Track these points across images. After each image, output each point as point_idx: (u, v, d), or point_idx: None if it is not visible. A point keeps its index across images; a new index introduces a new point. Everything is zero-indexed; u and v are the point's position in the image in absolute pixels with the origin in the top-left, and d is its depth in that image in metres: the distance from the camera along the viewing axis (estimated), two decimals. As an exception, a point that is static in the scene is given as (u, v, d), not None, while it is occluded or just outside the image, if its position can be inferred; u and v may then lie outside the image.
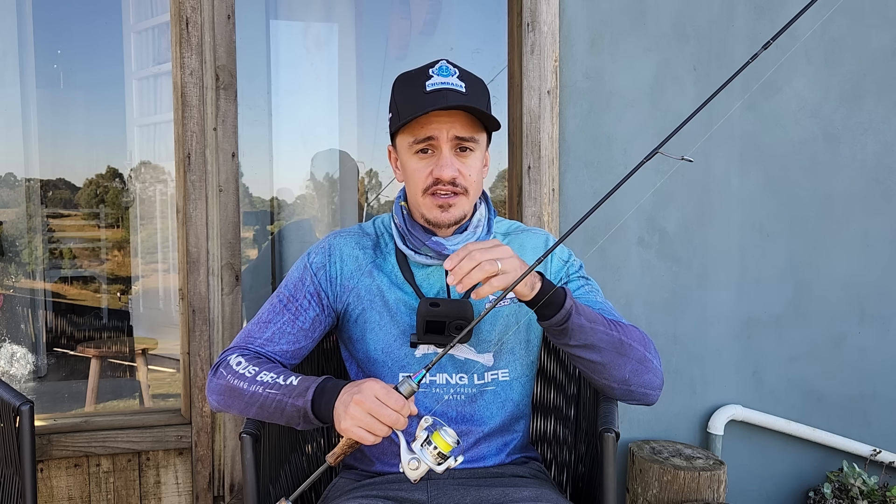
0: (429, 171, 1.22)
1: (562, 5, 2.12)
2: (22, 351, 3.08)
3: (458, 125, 1.20)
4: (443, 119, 1.20)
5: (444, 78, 1.20)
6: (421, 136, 1.21)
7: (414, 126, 1.21)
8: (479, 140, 1.24)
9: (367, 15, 3.18)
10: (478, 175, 1.25)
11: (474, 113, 1.20)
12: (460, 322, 1.23)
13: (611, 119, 2.19)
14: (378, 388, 1.04)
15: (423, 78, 1.21)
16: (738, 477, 2.36)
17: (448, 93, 1.18)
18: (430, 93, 1.19)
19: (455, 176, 1.21)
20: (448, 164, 1.21)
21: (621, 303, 2.22)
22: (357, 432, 1.04)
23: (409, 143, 1.23)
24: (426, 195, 1.23)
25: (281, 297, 1.31)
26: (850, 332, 2.43)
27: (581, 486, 1.40)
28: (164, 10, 3.05)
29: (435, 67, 1.22)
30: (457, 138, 1.21)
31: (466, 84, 1.21)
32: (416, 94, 1.20)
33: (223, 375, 1.21)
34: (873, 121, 2.39)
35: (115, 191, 3.62)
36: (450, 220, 1.24)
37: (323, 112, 3.10)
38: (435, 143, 1.21)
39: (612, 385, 1.22)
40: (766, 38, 2.28)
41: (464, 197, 1.24)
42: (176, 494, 2.00)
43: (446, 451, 1.02)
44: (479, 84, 1.25)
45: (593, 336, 1.16)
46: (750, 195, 2.32)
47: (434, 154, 1.22)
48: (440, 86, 1.19)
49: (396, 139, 1.27)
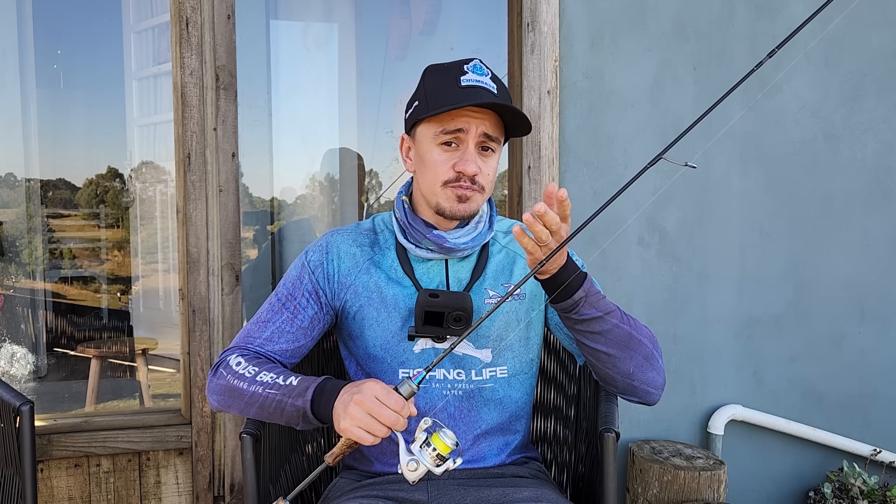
0: (451, 164, 1.23)
1: (562, 5, 2.12)
2: (22, 351, 3.08)
3: (488, 123, 1.22)
4: (475, 115, 1.21)
5: (478, 76, 1.22)
6: (451, 128, 1.21)
7: (444, 117, 1.22)
8: (500, 142, 1.26)
9: (367, 15, 3.18)
10: (494, 177, 1.27)
11: (509, 112, 1.21)
12: (459, 313, 1.23)
13: (611, 119, 2.19)
14: (378, 389, 1.04)
15: (457, 72, 1.22)
16: (738, 477, 2.36)
17: (482, 91, 1.20)
18: (464, 87, 1.20)
19: (477, 173, 1.22)
20: (472, 159, 1.22)
21: (622, 303, 2.22)
22: (356, 432, 1.04)
23: (434, 133, 1.23)
24: (446, 187, 1.24)
25: (279, 296, 1.31)
26: (850, 332, 2.43)
27: (581, 486, 1.40)
28: (164, 10, 3.05)
29: (469, 65, 1.23)
30: (484, 135, 1.22)
31: (498, 87, 1.23)
32: (450, 86, 1.21)
33: (223, 375, 1.21)
34: (873, 120, 2.39)
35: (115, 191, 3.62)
36: (466, 212, 1.25)
37: (323, 112, 3.10)
38: (462, 137, 1.22)
39: (616, 377, 1.22)
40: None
41: (480, 195, 1.25)
42: (176, 494, 2.00)
43: (445, 453, 1.02)
44: (505, 89, 1.27)
45: (604, 324, 1.16)
46: (750, 195, 2.32)
47: (458, 148, 1.23)
48: (475, 83, 1.21)
49: (418, 128, 1.27)
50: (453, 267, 1.31)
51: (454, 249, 1.27)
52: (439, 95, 1.21)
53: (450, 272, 1.31)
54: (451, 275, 1.31)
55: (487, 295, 1.30)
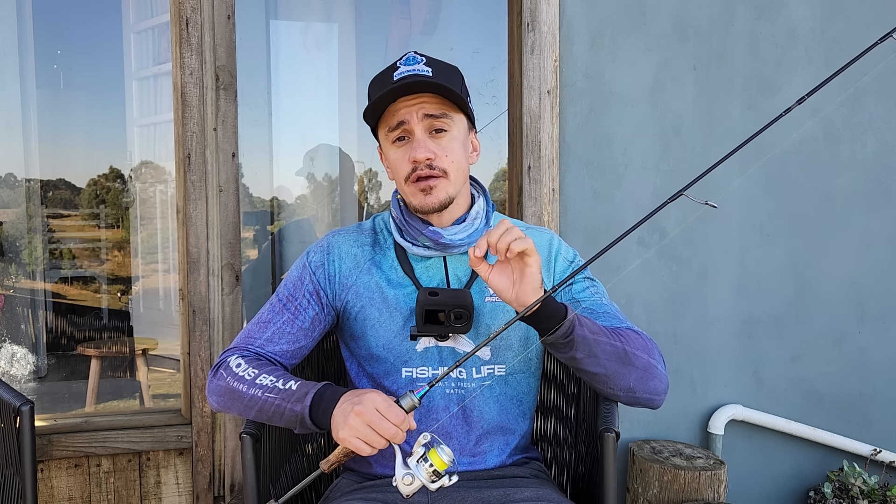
0: (406, 158, 1.23)
1: (562, 5, 2.12)
2: (22, 351, 3.08)
3: (427, 105, 1.22)
4: (411, 102, 1.21)
5: (410, 66, 1.23)
6: (393, 123, 1.23)
7: (386, 116, 1.24)
8: (453, 118, 1.25)
9: (367, 15, 3.18)
10: (457, 157, 1.25)
11: (437, 91, 1.20)
12: (459, 310, 1.23)
13: (611, 119, 2.19)
14: (379, 401, 1.04)
15: (391, 70, 1.24)
16: (738, 477, 2.36)
17: (413, 78, 1.20)
18: (396, 81, 1.21)
19: (430, 157, 1.21)
20: (421, 144, 1.22)
21: (621, 303, 2.22)
22: (354, 443, 1.04)
23: (385, 134, 1.26)
24: (409, 183, 1.24)
25: (280, 296, 1.31)
26: (850, 332, 2.43)
27: (581, 486, 1.40)
28: (164, 10, 3.05)
29: (402, 59, 1.25)
30: (427, 117, 1.22)
31: (434, 69, 1.23)
32: (385, 85, 1.22)
33: (223, 377, 1.21)
34: (873, 120, 2.39)
35: (115, 191, 3.62)
36: (434, 203, 1.24)
37: (323, 112, 3.10)
38: (408, 129, 1.23)
39: (618, 393, 1.22)
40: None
41: (444, 179, 1.23)
42: (176, 495, 2.00)
43: (441, 470, 1.02)
44: (449, 69, 1.26)
45: (597, 347, 1.15)
46: (750, 195, 2.32)
47: (410, 140, 1.24)
48: (405, 73, 1.22)
49: (379, 136, 1.30)
50: (452, 265, 1.31)
51: (451, 245, 1.27)
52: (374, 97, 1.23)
53: (449, 270, 1.31)
54: (450, 272, 1.30)
55: (488, 293, 1.29)
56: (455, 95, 1.21)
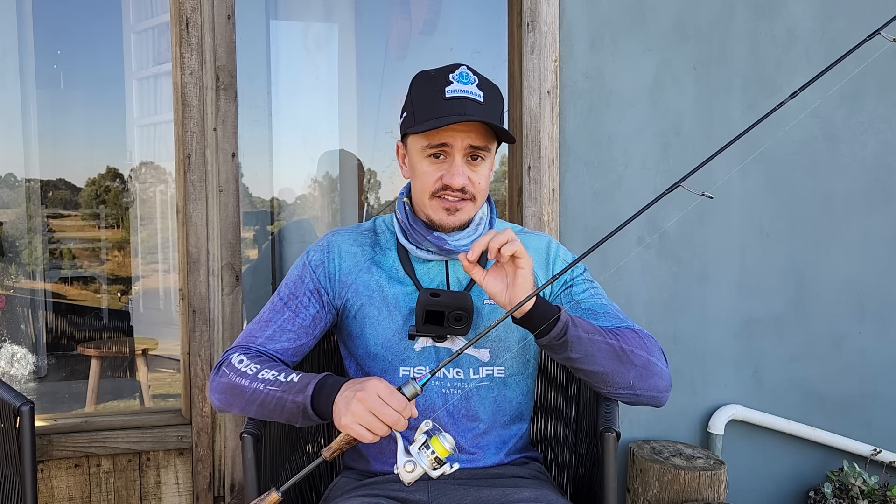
0: (438, 176, 1.23)
1: (562, 5, 2.12)
2: (22, 351, 3.08)
3: (473, 135, 1.21)
4: (459, 128, 1.20)
5: (463, 85, 1.20)
6: (435, 142, 1.21)
7: (429, 132, 1.21)
8: (491, 149, 1.26)
9: (367, 15, 3.18)
10: (486, 182, 1.27)
11: (487, 123, 1.20)
12: (459, 312, 1.23)
13: (611, 119, 2.19)
14: (382, 388, 1.05)
15: (442, 82, 1.21)
16: (738, 477, 2.36)
17: (466, 102, 1.19)
18: (448, 100, 1.19)
19: (465, 184, 1.22)
20: (459, 172, 1.21)
21: (621, 303, 2.21)
22: (356, 429, 1.04)
23: (421, 146, 1.23)
24: (434, 198, 1.24)
25: (281, 295, 1.32)
26: (850, 332, 2.43)
27: (581, 486, 1.40)
28: (164, 10, 3.05)
29: (455, 73, 1.22)
30: (471, 147, 1.22)
31: (485, 93, 1.22)
32: (435, 98, 1.20)
33: (225, 374, 1.22)
34: (873, 120, 2.39)
35: (115, 191, 3.62)
36: (455, 223, 1.26)
37: (323, 112, 3.10)
38: (448, 151, 1.22)
39: (619, 392, 1.23)
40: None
41: (471, 203, 1.25)
42: (176, 495, 2.00)
43: (443, 457, 1.03)
44: (496, 93, 1.26)
45: (592, 347, 1.16)
46: (750, 195, 2.32)
47: (446, 160, 1.23)
48: (459, 93, 1.19)
49: (409, 139, 1.28)
50: (454, 267, 1.32)
51: (454, 251, 1.28)
52: (424, 108, 1.21)
53: (450, 273, 1.31)
54: (451, 275, 1.31)
55: (486, 295, 1.30)
56: (502, 131, 1.21)
